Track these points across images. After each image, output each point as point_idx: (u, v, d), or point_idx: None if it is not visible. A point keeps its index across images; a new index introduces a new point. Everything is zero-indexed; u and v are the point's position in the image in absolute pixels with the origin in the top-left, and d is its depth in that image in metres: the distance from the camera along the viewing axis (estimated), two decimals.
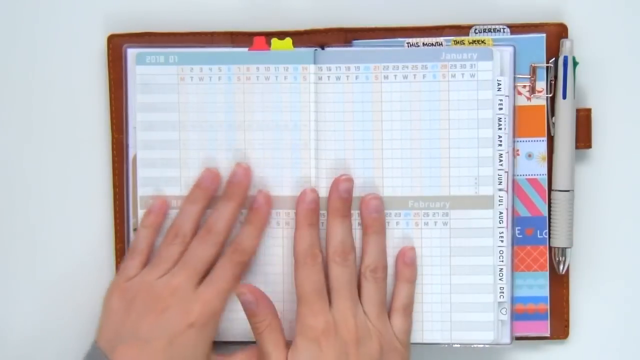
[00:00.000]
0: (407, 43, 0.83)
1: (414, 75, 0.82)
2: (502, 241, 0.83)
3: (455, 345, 0.84)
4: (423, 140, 0.83)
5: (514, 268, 0.84)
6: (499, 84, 0.83)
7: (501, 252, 0.83)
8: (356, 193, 0.82)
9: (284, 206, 0.83)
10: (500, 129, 0.83)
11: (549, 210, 0.84)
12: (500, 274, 0.83)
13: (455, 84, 0.82)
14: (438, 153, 0.83)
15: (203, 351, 0.79)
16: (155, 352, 0.78)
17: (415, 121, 0.83)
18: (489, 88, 0.83)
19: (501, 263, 0.83)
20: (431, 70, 0.82)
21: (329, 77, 0.82)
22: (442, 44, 0.83)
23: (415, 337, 0.83)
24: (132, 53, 0.84)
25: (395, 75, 0.82)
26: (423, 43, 0.83)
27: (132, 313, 0.79)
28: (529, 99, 0.84)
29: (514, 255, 0.84)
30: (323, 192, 0.83)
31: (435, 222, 0.83)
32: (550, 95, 0.84)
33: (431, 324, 0.83)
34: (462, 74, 0.82)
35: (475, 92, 0.82)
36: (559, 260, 0.84)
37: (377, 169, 0.83)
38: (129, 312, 0.79)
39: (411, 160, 0.83)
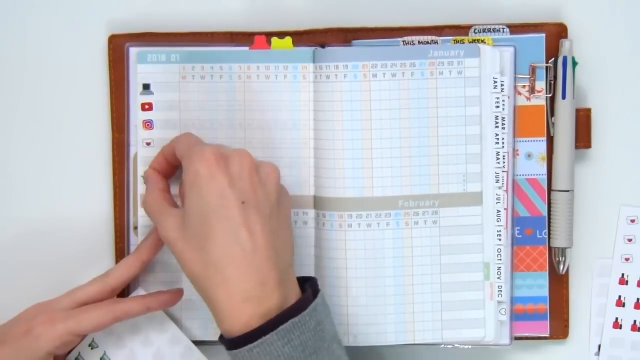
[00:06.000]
0: (403, 41, 0.83)
1: (402, 73, 0.82)
2: (499, 239, 0.83)
3: (449, 346, 0.84)
4: (412, 138, 0.82)
5: (513, 268, 0.84)
6: (495, 82, 0.83)
7: (499, 250, 0.83)
8: (348, 194, 0.82)
9: None
10: (497, 127, 0.83)
11: (549, 211, 0.84)
12: (499, 273, 0.83)
13: (442, 81, 0.82)
14: (427, 151, 0.83)
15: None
16: None
17: (404, 119, 0.82)
18: (476, 85, 0.83)
19: (499, 261, 0.83)
20: (419, 68, 0.82)
21: (327, 75, 0.82)
22: (437, 42, 0.83)
23: (407, 338, 0.83)
24: (134, 52, 0.84)
25: (384, 74, 0.82)
26: (419, 41, 0.83)
27: None
28: (528, 99, 0.84)
29: (513, 255, 0.84)
30: (322, 192, 0.83)
31: (425, 221, 0.83)
32: (550, 95, 0.84)
33: (422, 324, 0.83)
34: (450, 71, 0.82)
35: (463, 89, 0.82)
36: (558, 260, 0.84)
37: (367, 169, 0.82)
38: None
39: (400, 159, 0.82)
